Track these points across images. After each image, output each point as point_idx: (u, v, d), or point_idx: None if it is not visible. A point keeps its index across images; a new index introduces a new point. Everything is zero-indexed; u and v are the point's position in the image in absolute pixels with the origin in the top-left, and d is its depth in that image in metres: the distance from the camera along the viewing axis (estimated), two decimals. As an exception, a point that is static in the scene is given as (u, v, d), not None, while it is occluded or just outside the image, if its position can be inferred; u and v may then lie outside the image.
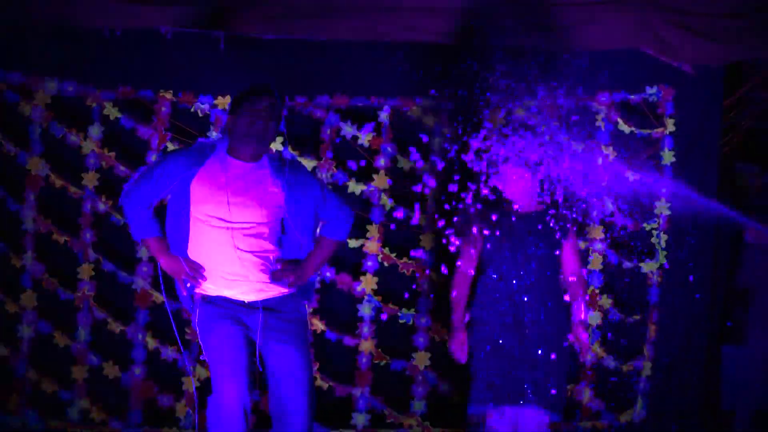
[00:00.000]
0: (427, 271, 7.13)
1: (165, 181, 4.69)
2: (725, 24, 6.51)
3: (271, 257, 4.75)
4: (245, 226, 4.63)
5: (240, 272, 4.66)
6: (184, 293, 4.81)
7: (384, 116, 7.24)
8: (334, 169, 7.22)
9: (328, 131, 7.24)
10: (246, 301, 4.66)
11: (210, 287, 4.70)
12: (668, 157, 7.32)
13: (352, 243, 7.18)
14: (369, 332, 7.16)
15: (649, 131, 7.36)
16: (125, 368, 7.05)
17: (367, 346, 7.16)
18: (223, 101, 7.15)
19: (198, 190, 4.69)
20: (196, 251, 4.71)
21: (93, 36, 6.45)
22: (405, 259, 7.11)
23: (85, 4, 6.26)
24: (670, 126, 7.31)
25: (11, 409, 7.02)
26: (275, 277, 4.68)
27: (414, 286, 7.20)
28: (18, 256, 7.05)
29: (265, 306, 4.68)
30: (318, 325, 7.18)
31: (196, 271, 4.62)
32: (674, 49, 6.46)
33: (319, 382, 7.15)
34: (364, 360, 7.17)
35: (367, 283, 7.19)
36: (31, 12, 6.34)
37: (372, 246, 7.16)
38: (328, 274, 7.18)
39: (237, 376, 4.41)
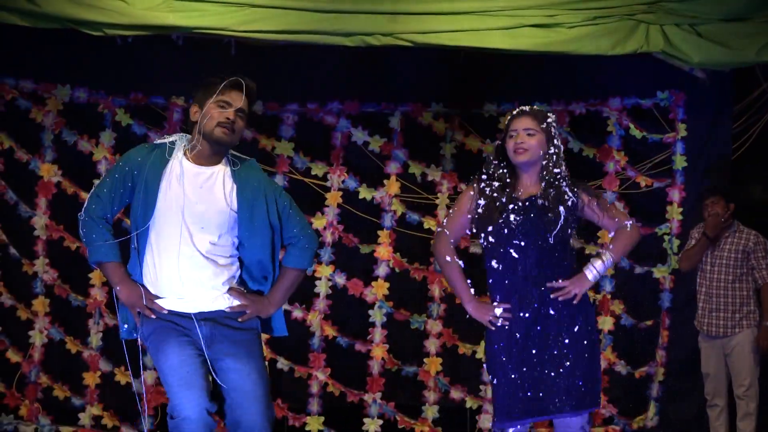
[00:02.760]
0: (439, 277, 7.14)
1: (125, 185, 4.32)
2: (735, 28, 6.50)
3: (225, 268, 4.39)
4: (198, 232, 4.30)
5: (191, 282, 4.31)
6: (135, 324, 4.41)
7: (395, 122, 7.25)
8: (345, 175, 7.23)
9: (339, 137, 7.25)
10: (193, 313, 4.31)
11: (160, 300, 4.34)
12: (680, 161, 7.30)
13: (364, 249, 7.19)
14: (380, 338, 7.15)
15: (660, 136, 7.35)
16: (137, 374, 7.06)
17: (378, 351, 7.16)
18: (235, 107, 7.17)
19: (159, 194, 4.31)
20: (150, 260, 4.34)
21: (104, 43, 6.47)
22: (416, 265, 7.11)
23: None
24: (682, 131, 7.30)
25: (24, 415, 7.03)
26: (231, 294, 4.36)
27: (426, 292, 7.21)
28: (30, 263, 7.07)
29: (214, 318, 4.33)
30: (329, 330, 7.18)
31: (152, 303, 4.28)
32: (685, 54, 6.45)
33: (330, 388, 7.16)
34: (375, 366, 7.17)
35: (379, 289, 7.19)
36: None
37: (383, 251, 7.16)
38: (339, 279, 7.19)
39: (192, 384, 4.20)
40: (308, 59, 7.04)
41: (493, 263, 4.57)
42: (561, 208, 4.50)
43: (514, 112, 4.65)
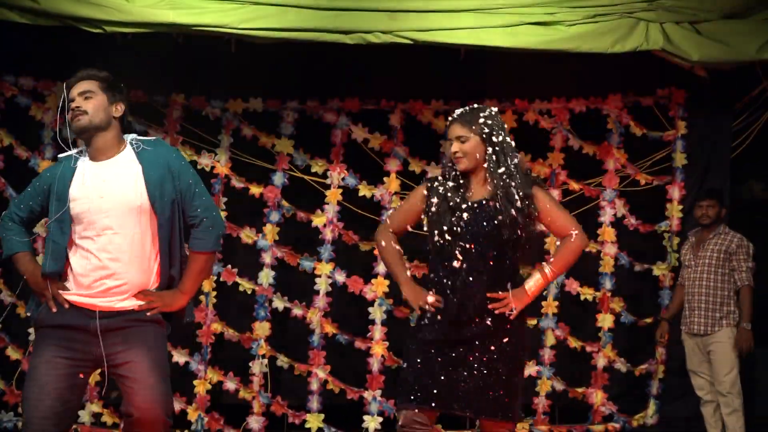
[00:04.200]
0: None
1: (36, 198, 4.32)
2: (735, 26, 6.50)
3: (138, 262, 4.22)
4: (106, 228, 4.16)
5: (99, 282, 4.17)
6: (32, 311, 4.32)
7: (395, 119, 7.25)
8: (345, 172, 7.24)
9: (339, 134, 7.26)
10: (96, 311, 4.15)
11: (66, 293, 4.21)
12: (680, 159, 7.31)
13: (363, 246, 7.19)
14: (380, 335, 7.16)
15: (660, 134, 7.36)
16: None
17: (378, 349, 7.16)
18: (234, 104, 7.18)
19: (69, 199, 4.22)
20: (69, 260, 4.24)
21: (104, 40, 6.46)
22: (416, 262, 7.11)
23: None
24: (682, 128, 7.31)
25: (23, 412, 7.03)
26: (137, 298, 4.19)
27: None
28: (30, 260, 7.06)
29: (116, 318, 4.16)
30: (329, 328, 7.18)
31: (57, 296, 4.17)
32: (685, 52, 6.46)
33: (330, 385, 7.16)
34: (375, 363, 7.17)
35: (379, 286, 7.19)
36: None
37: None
38: (339, 277, 7.19)
39: (35, 406, 4.06)
40: (308, 57, 7.04)
41: (439, 263, 4.47)
42: (512, 211, 4.38)
43: (449, 118, 4.56)
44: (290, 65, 7.17)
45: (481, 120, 4.45)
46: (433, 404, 4.36)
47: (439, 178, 4.57)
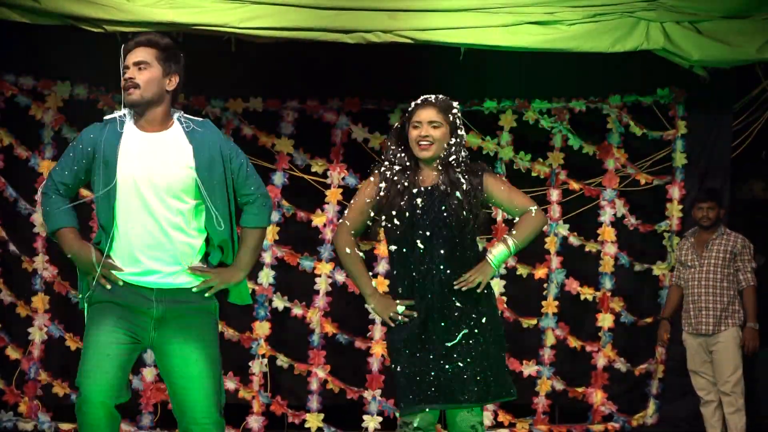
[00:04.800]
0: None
1: (80, 163, 4.13)
2: (735, 26, 6.51)
3: (189, 240, 4.15)
4: (158, 201, 4.08)
5: (153, 255, 4.08)
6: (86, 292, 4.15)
7: (395, 119, 7.25)
8: (345, 172, 7.23)
9: (339, 134, 7.25)
10: (153, 288, 4.07)
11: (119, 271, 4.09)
12: (680, 159, 7.31)
13: (363, 246, 7.16)
14: (380, 335, 7.15)
15: (660, 133, 7.36)
16: (136, 371, 7.06)
17: (378, 349, 7.15)
18: (234, 104, 7.17)
19: (117, 167, 4.09)
20: (116, 234, 4.08)
21: (104, 40, 6.46)
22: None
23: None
24: (682, 128, 7.31)
25: (23, 412, 7.03)
26: (193, 271, 4.12)
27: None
28: (29, 260, 7.06)
29: (172, 296, 4.10)
30: (329, 327, 7.18)
31: (108, 272, 4.04)
32: (685, 52, 6.46)
33: (330, 385, 7.16)
34: (375, 363, 7.17)
35: (379, 286, 7.17)
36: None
37: (383, 248, 7.15)
38: (339, 276, 7.18)
39: (105, 370, 3.93)
40: (308, 56, 7.04)
41: (395, 247, 4.39)
42: (457, 193, 4.31)
43: (419, 101, 4.47)
44: (290, 64, 7.17)
45: (454, 110, 4.43)
46: (438, 401, 4.28)
47: (386, 163, 4.46)
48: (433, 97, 4.46)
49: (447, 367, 4.30)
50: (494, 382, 4.32)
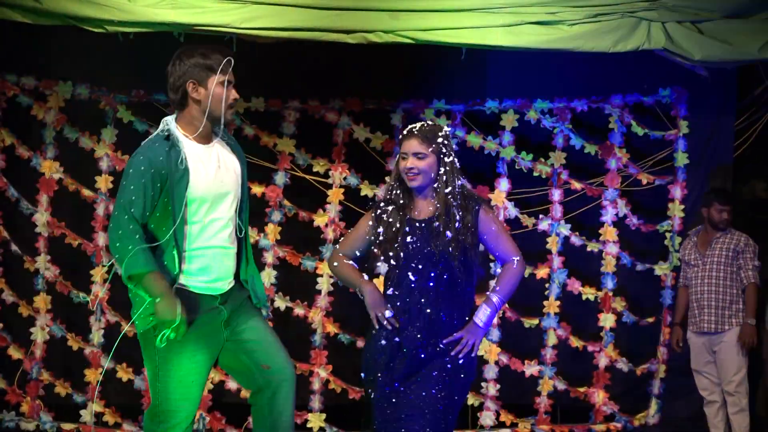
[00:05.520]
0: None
1: (155, 187, 4.08)
2: (737, 26, 6.50)
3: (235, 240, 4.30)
4: (226, 212, 4.20)
5: (225, 264, 4.23)
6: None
7: (396, 119, 7.24)
8: (347, 172, 7.23)
9: (341, 134, 7.25)
10: (219, 294, 4.21)
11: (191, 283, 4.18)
12: (682, 158, 7.30)
13: (365, 246, 7.18)
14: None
15: (662, 133, 7.35)
16: (138, 371, 7.07)
17: (380, 348, 7.14)
18: (237, 104, 7.15)
19: (189, 185, 4.13)
20: (188, 252, 4.15)
21: (106, 40, 6.47)
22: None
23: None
24: (684, 128, 7.30)
25: (25, 412, 7.04)
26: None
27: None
28: (32, 260, 7.07)
29: (229, 297, 4.25)
30: (331, 327, 7.18)
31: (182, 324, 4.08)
32: (687, 52, 6.46)
33: (332, 385, 7.16)
34: (377, 363, 7.16)
35: (381, 286, 7.16)
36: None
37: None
38: (340, 276, 7.18)
39: (194, 396, 4.14)
40: (310, 56, 7.04)
41: (391, 290, 4.48)
42: (448, 233, 4.36)
43: (405, 131, 4.48)
44: (292, 65, 7.17)
45: (440, 139, 4.43)
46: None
47: (381, 204, 4.54)
48: (417, 126, 4.47)
49: (409, 398, 4.34)
50: (444, 419, 4.34)
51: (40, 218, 7.05)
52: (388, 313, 4.40)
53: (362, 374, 4.50)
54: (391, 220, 4.46)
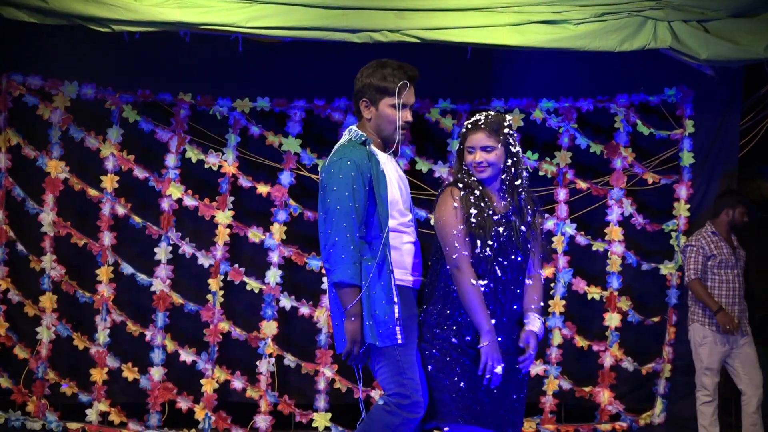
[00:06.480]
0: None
1: (366, 191, 4.35)
2: (743, 25, 6.51)
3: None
4: (410, 215, 4.55)
5: (413, 257, 4.52)
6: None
7: (402, 118, 7.24)
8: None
9: (346, 133, 7.25)
10: (413, 287, 4.56)
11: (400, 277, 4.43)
12: (687, 158, 7.30)
13: (370, 245, 7.18)
14: (387, 334, 7.14)
15: (668, 132, 7.35)
16: (144, 371, 7.07)
17: (385, 348, 7.15)
18: (242, 103, 7.17)
19: (388, 189, 4.40)
20: (389, 244, 4.34)
21: (112, 39, 6.47)
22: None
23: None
24: (690, 127, 7.30)
25: (31, 411, 7.04)
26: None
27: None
28: (37, 259, 7.07)
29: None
30: (336, 327, 7.18)
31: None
32: (693, 51, 6.46)
33: (337, 384, 7.16)
34: (382, 362, 7.16)
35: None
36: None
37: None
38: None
39: (423, 387, 4.39)
40: (315, 56, 7.04)
41: (483, 272, 4.39)
42: (522, 228, 4.40)
43: (469, 125, 4.45)
44: (297, 64, 7.17)
45: (506, 130, 4.42)
46: (487, 426, 4.38)
47: (459, 185, 4.45)
48: (483, 119, 4.45)
49: (503, 396, 4.41)
50: (519, 420, 4.53)
51: (45, 218, 7.05)
52: (499, 370, 4.34)
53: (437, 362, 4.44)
54: (483, 205, 4.40)
